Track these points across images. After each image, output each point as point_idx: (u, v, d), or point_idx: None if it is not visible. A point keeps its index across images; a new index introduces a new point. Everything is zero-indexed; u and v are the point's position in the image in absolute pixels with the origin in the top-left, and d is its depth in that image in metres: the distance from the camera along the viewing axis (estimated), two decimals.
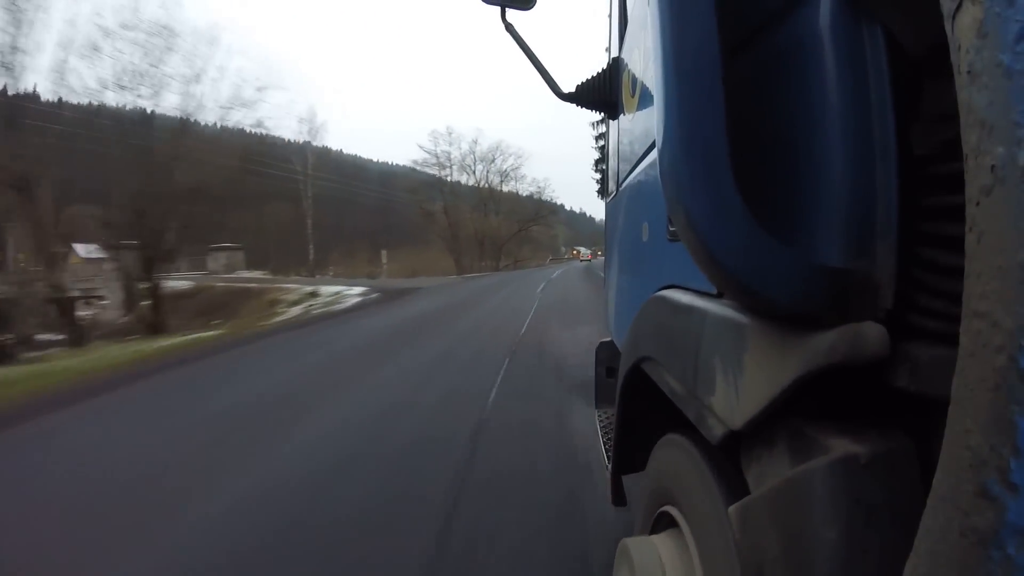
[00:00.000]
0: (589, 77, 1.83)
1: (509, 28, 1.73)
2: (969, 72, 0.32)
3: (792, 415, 0.61)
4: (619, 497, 1.59)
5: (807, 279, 0.54)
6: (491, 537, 2.24)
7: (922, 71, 0.52)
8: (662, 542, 0.95)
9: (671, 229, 1.05)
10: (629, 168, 1.58)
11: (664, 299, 1.03)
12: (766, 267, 0.53)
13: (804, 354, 0.53)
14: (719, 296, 0.79)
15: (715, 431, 0.72)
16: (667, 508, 0.98)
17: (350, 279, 26.54)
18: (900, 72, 0.54)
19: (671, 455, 0.99)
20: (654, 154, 1.17)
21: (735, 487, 0.75)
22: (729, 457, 0.82)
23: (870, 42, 0.56)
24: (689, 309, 0.87)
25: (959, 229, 0.35)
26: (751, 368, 0.63)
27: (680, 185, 0.56)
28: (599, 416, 2.17)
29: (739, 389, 0.65)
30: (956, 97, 0.34)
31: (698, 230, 0.55)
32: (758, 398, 0.60)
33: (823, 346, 0.51)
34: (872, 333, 0.50)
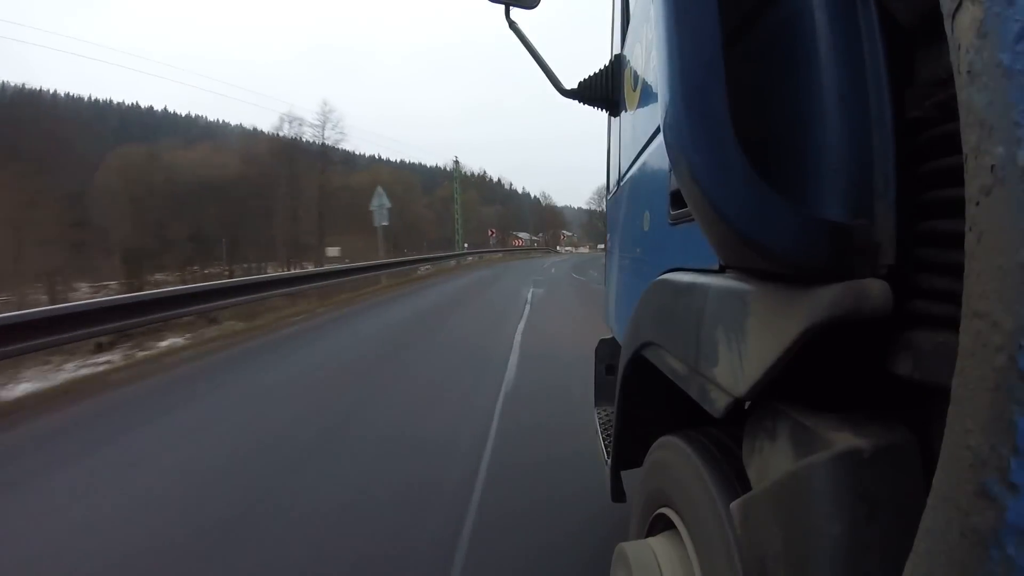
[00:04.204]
0: (591, 74, 1.83)
1: (513, 26, 1.74)
2: (969, 72, 0.32)
3: (793, 407, 0.61)
4: (618, 493, 1.58)
5: (809, 231, 0.54)
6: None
7: (914, 38, 0.53)
8: (659, 545, 0.95)
9: (672, 213, 1.05)
10: (630, 162, 1.58)
11: (665, 281, 1.03)
12: (767, 218, 0.54)
13: (807, 309, 0.53)
14: (721, 271, 0.79)
15: (718, 403, 0.71)
16: (663, 510, 0.97)
17: None
18: (893, 38, 0.55)
19: (667, 457, 0.99)
20: (656, 142, 1.17)
21: (733, 487, 0.75)
22: (726, 457, 0.82)
23: (863, 10, 0.57)
24: (690, 287, 0.87)
25: (955, 193, 0.35)
26: (754, 331, 0.63)
27: (682, 138, 0.57)
28: (598, 413, 2.17)
29: (743, 355, 0.65)
30: (946, 60, 0.34)
31: (700, 181, 0.55)
32: (762, 359, 0.60)
33: (826, 299, 0.51)
34: (875, 288, 0.50)
